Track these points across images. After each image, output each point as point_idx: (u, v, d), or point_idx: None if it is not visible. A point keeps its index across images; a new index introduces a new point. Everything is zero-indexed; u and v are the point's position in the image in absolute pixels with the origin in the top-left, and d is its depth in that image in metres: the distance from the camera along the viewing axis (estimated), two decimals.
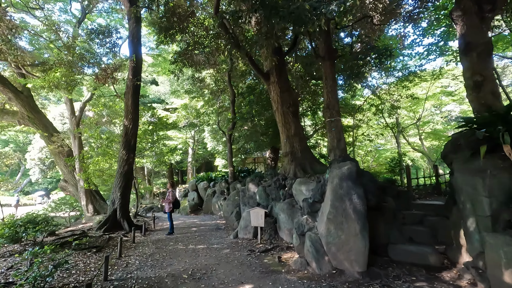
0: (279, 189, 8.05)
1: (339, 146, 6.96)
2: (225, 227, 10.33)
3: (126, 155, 9.56)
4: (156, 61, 17.78)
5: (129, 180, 9.61)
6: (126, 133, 9.71)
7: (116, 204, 9.22)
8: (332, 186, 4.48)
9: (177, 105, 21.41)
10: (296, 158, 8.26)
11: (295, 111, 8.48)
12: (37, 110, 13.59)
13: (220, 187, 14.13)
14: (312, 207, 5.07)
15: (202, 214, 15.34)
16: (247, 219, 7.92)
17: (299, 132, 8.47)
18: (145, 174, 25.49)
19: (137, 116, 10.10)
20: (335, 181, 4.41)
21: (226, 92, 17.22)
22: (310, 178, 7.02)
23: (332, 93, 7.27)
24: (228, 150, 14.71)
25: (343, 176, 4.34)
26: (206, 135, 23.81)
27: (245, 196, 9.13)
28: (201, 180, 16.60)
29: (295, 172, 8.11)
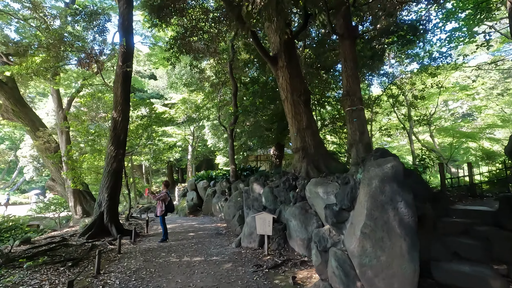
0: (289, 191, 6.93)
1: (362, 140, 5.83)
2: (226, 231, 9.25)
3: (115, 151, 8.47)
4: (152, 51, 16.68)
5: (118, 179, 8.52)
6: (114, 127, 8.62)
7: (103, 207, 8.14)
8: (369, 190, 3.36)
9: (176, 100, 20.32)
10: (308, 154, 7.14)
11: (306, 100, 7.35)
12: (23, 103, 12.52)
13: (221, 186, 13.04)
14: (338, 216, 3.95)
15: (202, 216, 14.27)
16: (251, 226, 6.82)
17: (311, 125, 7.34)
18: (143, 172, 24.42)
19: (128, 107, 9.00)
20: (374, 184, 3.29)
21: (228, 84, 16.11)
22: (327, 178, 5.90)
23: (353, 77, 6.14)
24: (230, 147, 13.60)
25: (386, 177, 3.21)
26: (206, 131, 22.73)
27: (249, 198, 8.03)
28: (200, 179, 15.52)
29: (307, 170, 6.99)
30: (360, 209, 3.55)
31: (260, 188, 7.83)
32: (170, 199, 8.00)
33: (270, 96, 10.34)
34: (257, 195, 7.79)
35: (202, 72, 15.23)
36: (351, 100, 6.03)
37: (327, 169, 6.89)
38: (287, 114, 7.54)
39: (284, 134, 13.96)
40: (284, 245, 6.37)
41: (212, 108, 15.15)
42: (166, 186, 8.06)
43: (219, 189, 13.13)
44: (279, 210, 6.88)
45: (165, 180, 8.16)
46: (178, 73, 16.54)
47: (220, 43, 12.50)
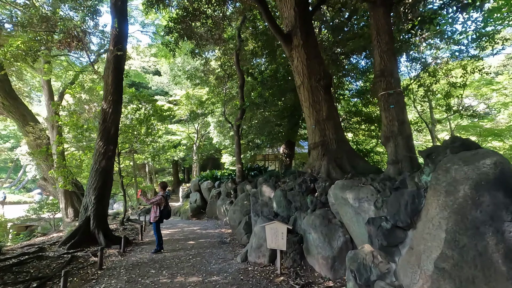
0: (306, 195, 5.72)
1: (402, 132, 4.58)
2: (231, 239, 8.09)
3: (104, 147, 7.40)
4: (153, 41, 15.65)
5: (107, 179, 7.46)
6: (104, 119, 7.55)
7: (90, 211, 7.07)
8: (450, 201, 2.13)
9: (180, 97, 19.28)
10: (329, 151, 5.90)
11: (327, 85, 6.11)
12: (14, 96, 11.63)
13: (226, 188, 11.89)
14: (389, 237, 2.72)
15: (206, 219, 13.17)
16: (260, 237, 5.63)
17: (333, 115, 6.10)
18: (146, 171, 23.51)
19: (120, 97, 7.92)
20: (462, 192, 2.06)
21: (234, 78, 14.97)
22: (357, 180, 4.66)
23: (389, 53, 4.88)
24: (236, 144, 12.44)
25: (485, 181, 1.98)
26: (211, 129, 21.65)
27: (257, 203, 6.83)
28: (204, 179, 14.41)
29: (328, 170, 5.76)
30: (429, 229, 2.31)
31: (270, 191, 6.63)
32: (166, 204, 6.88)
33: (280, 86, 9.13)
34: (267, 199, 6.59)
35: (207, 63, 14.12)
36: (387, 82, 4.78)
37: (353, 169, 5.65)
38: (303, 103, 6.31)
39: (295, 130, 12.72)
40: (300, 262, 5.17)
41: (217, 103, 13.99)
42: (162, 188, 6.95)
43: (224, 191, 11.99)
44: (293, 218, 5.68)
45: (161, 181, 7.04)
46: (181, 65, 15.49)
47: (226, 29, 11.36)
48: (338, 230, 4.70)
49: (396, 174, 4.43)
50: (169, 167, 31.45)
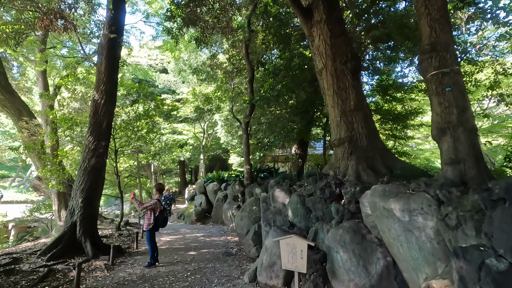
0: (329, 202, 4.64)
1: (463, 122, 3.46)
2: (238, 250, 7.07)
3: (94, 143, 6.50)
4: (158, 34, 14.82)
5: (98, 179, 6.55)
6: (95, 111, 6.67)
7: (76, 215, 6.17)
8: None
9: (186, 93, 18.44)
10: (358, 148, 4.81)
11: (355, 68, 5.03)
12: (10, 89, 10.95)
13: (233, 190, 10.88)
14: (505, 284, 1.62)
15: (211, 224, 12.18)
16: (273, 253, 4.59)
17: (362, 105, 5.01)
18: (151, 171, 22.76)
19: (114, 87, 7.04)
20: None
21: (243, 72, 14.00)
22: (402, 186, 3.56)
23: (442, 21, 3.79)
24: (244, 143, 11.43)
25: None
26: (218, 128, 20.74)
27: (268, 210, 5.78)
28: (210, 181, 13.44)
29: (358, 172, 4.66)
30: None
31: (284, 196, 5.57)
32: (163, 209, 5.89)
33: (295, 76, 8.06)
34: (280, 205, 5.52)
35: (214, 57, 13.20)
36: (440, 58, 3.67)
37: (388, 171, 4.54)
38: (325, 90, 5.23)
39: (308, 129, 11.62)
40: (324, 287, 4.09)
41: (225, 100, 13.02)
42: (158, 191, 5.97)
43: (231, 194, 10.98)
44: (314, 231, 4.60)
45: (158, 183, 6.07)
46: (187, 59, 14.64)
47: (234, 16, 10.40)
48: (376, 250, 3.60)
49: (456, 178, 3.32)
50: (176, 168, 30.74)
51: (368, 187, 4.37)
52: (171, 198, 13.04)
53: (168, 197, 12.71)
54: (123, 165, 19.43)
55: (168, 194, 12.78)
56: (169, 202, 12.75)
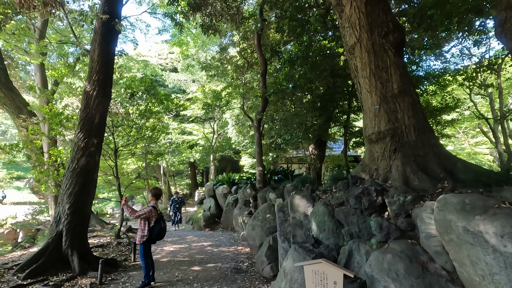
0: (367, 214, 3.55)
1: None
2: (249, 266, 6.06)
3: (85, 140, 5.66)
4: (164, 25, 14.04)
5: (88, 182, 5.69)
6: (86, 104, 5.84)
7: (62, 224, 5.32)
8: None
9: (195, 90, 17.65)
10: (405, 145, 3.70)
11: (398, 42, 3.93)
12: (10, 86, 10.42)
13: (244, 194, 9.89)
14: None
15: (220, 230, 11.22)
16: (294, 279, 3.54)
17: (408, 89, 3.89)
18: (161, 173, 22.11)
19: (109, 78, 6.21)
20: None
21: (255, 69, 13.06)
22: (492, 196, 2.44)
23: None
24: (256, 143, 10.44)
25: None
26: (229, 128, 19.85)
27: (286, 221, 4.72)
28: (220, 184, 12.51)
29: (405, 175, 3.56)
30: None
31: (306, 204, 4.50)
32: (160, 218, 4.94)
33: (315, 64, 6.99)
34: (301, 216, 4.46)
35: (224, 51, 12.30)
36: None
37: (447, 174, 3.41)
38: (358, 71, 4.15)
39: (328, 126, 10.47)
40: None
41: (235, 96, 12.06)
42: (154, 197, 5.02)
43: (242, 198, 9.98)
44: (347, 251, 3.52)
45: (154, 187, 5.11)
46: (195, 53, 13.85)
47: (244, 6, 9.47)
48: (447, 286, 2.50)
49: None
50: (186, 169, 30.11)
51: (423, 195, 3.27)
52: (181, 201, 12.17)
53: (177, 201, 11.88)
54: (130, 166, 18.85)
55: (176, 198, 11.94)
56: (178, 207, 11.89)
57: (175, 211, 11.88)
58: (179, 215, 12.06)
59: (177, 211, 11.91)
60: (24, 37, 7.71)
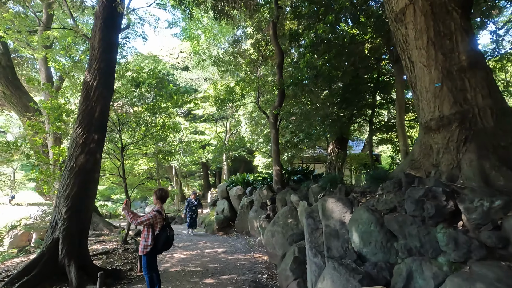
0: (432, 223, 2.69)
1: None
2: (269, 278, 5.27)
3: (84, 136, 5.05)
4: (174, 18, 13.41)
5: (88, 182, 5.07)
6: (86, 96, 5.23)
7: (58, 231, 4.71)
8: None
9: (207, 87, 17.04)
10: (479, 133, 2.82)
11: (465, 3, 3.05)
12: (17, 85, 10.11)
13: (260, 196, 9.11)
14: None
15: (234, 234, 10.46)
16: None
17: (481, 62, 3.01)
18: (173, 174, 21.64)
19: (111, 67, 5.59)
20: None
21: (270, 61, 12.27)
22: None
23: None
24: (273, 140, 9.65)
25: None
26: (243, 127, 19.14)
27: (317, 230, 3.88)
28: (233, 184, 11.78)
29: (484, 172, 2.67)
30: None
31: (342, 209, 3.66)
32: (166, 225, 4.23)
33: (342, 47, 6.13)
34: (337, 224, 3.62)
35: (236, 43, 11.59)
36: None
37: None
38: (409, 43, 3.29)
39: (350, 121, 9.56)
40: None
41: (249, 89, 11.30)
42: (159, 200, 4.30)
43: (258, 200, 9.20)
44: (405, 272, 2.67)
45: (158, 188, 4.35)
46: (206, 47, 13.25)
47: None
48: None
49: None
50: (199, 170, 29.63)
51: None
52: (198, 203, 10.83)
53: (194, 202, 10.66)
54: (142, 166, 18.45)
55: (193, 199, 10.78)
56: (195, 209, 10.65)
57: (191, 214, 10.57)
58: (195, 218, 10.80)
59: (194, 214, 10.63)
60: (24, 27, 7.26)
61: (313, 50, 6.43)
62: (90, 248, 6.52)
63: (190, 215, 10.58)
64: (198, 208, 10.95)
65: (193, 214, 10.62)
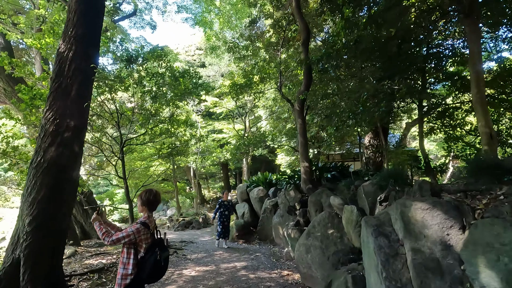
0: None
1: None
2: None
3: (55, 122, 3.83)
4: None
5: (61, 185, 3.82)
6: (59, 71, 4.02)
7: (20, 248, 3.49)
8: None
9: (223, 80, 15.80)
10: None
11: None
12: (18, 80, 9.32)
13: (287, 199, 7.60)
14: None
15: (257, 242, 9.01)
16: None
17: None
18: (191, 175, 20.63)
19: (92, 34, 4.36)
20: None
21: (292, 44, 10.77)
22: None
23: None
24: (300, 132, 8.13)
25: None
26: (263, 123, 17.73)
27: (395, 257, 2.31)
28: (254, 185, 10.35)
29: None
30: None
31: (446, 222, 2.08)
32: (156, 242, 2.83)
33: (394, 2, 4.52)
34: (436, 250, 2.05)
35: (253, 24, 10.18)
36: None
37: None
38: None
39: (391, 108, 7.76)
40: None
41: (271, 71, 9.81)
42: (146, 206, 2.89)
43: (284, 203, 7.69)
44: None
45: (144, 190, 2.88)
46: (219, 31, 11.99)
47: None
48: None
49: None
50: (219, 172, 28.54)
51: None
52: (230, 206, 8.38)
53: (227, 205, 8.23)
54: (159, 168, 17.51)
55: (226, 201, 8.31)
56: (227, 214, 8.16)
57: (223, 220, 8.08)
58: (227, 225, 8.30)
59: (226, 220, 8.17)
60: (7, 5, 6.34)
61: (354, 4, 4.85)
62: (83, 263, 5.36)
63: (222, 222, 8.12)
64: (231, 213, 8.54)
65: (226, 221, 8.20)
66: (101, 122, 5.95)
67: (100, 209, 2.91)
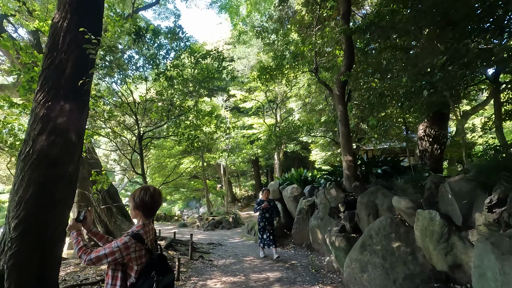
0: None
1: None
2: None
3: (47, 104, 3.18)
4: None
5: (55, 180, 3.14)
6: (52, 44, 3.37)
7: (4, 258, 2.86)
8: None
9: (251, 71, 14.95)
10: None
11: None
12: None
13: (327, 198, 6.45)
14: None
15: (291, 247, 7.98)
16: None
17: None
18: (221, 173, 20.10)
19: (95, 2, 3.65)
20: None
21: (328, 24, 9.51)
22: None
23: None
24: (341, 120, 6.93)
25: None
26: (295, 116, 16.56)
27: None
28: (287, 183, 9.30)
29: None
30: None
31: None
32: (154, 261, 1.97)
33: None
34: None
35: (284, 2, 9.11)
36: None
37: None
38: None
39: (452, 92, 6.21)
40: None
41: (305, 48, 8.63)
42: (142, 211, 2.04)
43: (323, 204, 6.55)
44: None
45: (139, 188, 1.98)
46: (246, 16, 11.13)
47: None
48: None
49: None
50: (250, 169, 27.82)
51: None
52: (273, 207, 6.72)
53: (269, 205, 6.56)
54: (189, 165, 17.19)
55: (266, 199, 6.63)
56: (269, 217, 6.56)
57: (265, 224, 6.50)
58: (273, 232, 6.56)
59: (268, 224, 6.53)
60: None
61: None
62: (84, 272, 4.76)
63: (263, 227, 6.51)
64: (275, 216, 6.94)
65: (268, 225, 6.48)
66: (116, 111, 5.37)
67: (83, 213, 2.10)
